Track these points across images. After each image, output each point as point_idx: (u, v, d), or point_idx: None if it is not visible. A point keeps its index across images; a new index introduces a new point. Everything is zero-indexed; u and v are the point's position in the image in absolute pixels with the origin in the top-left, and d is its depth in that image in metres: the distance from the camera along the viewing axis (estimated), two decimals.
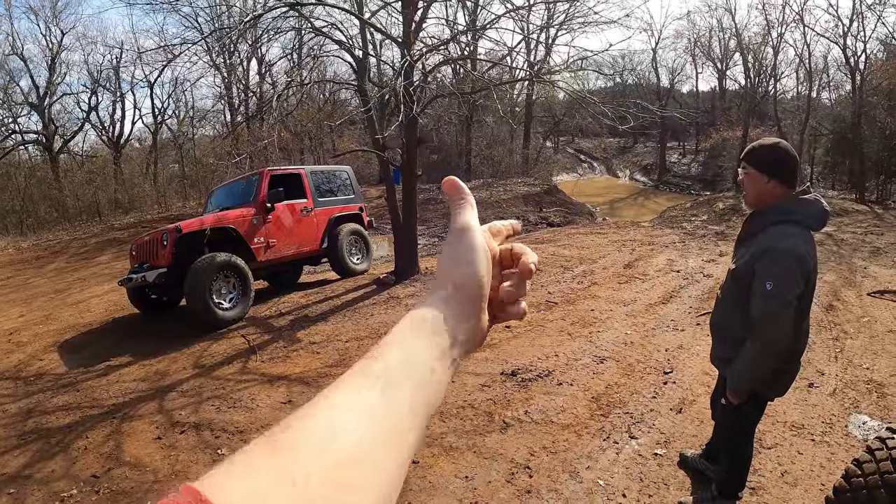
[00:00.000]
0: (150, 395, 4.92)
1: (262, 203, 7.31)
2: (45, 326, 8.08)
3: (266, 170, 7.73)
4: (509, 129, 27.09)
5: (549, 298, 6.40)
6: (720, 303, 2.51)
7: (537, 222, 15.24)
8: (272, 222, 7.41)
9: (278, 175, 7.83)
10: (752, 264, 2.18)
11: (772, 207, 2.24)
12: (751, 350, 2.20)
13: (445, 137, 23.75)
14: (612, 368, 4.43)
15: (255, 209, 7.25)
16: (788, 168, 2.20)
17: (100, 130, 26.61)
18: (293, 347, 5.57)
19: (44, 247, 16.13)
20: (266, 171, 7.66)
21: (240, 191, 7.92)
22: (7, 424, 4.81)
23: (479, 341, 0.53)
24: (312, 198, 8.14)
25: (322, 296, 7.40)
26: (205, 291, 6.25)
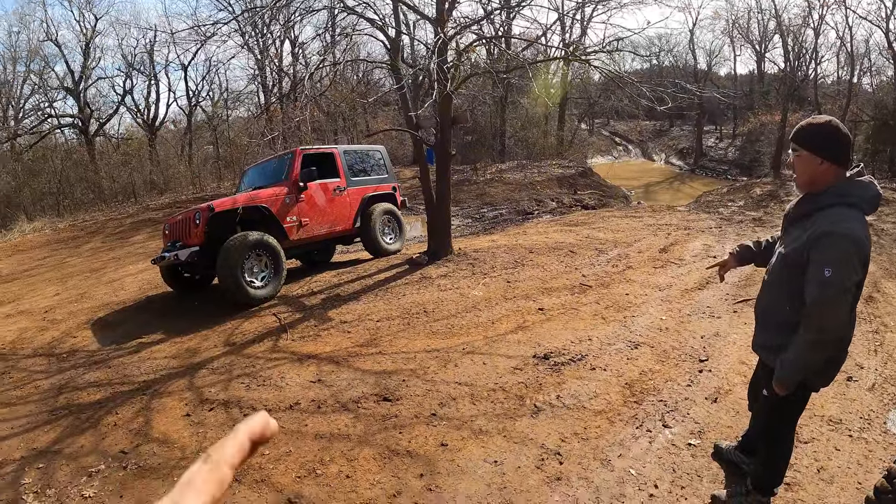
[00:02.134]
0: (180, 373, 4.91)
1: (295, 182, 7.29)
2: (79, 304, 8.23)
3: (299, 149, 7.69)
4: (544, 111, 26.85)
5: (583, 281, 6.20)
6: (767, 288, 2.36)
7: (571, 204, 15.09)
8: (305, 201, 7.38)
9: (311, 154, 7.80)
10: (807, 249, 2.06)
11: (828, 188, 2.09)
12: (805, 339, 2.09)
13: (480, 118, 23.56)
14: (647, 354, 4.28)
15: (287, 188, 7.23)
16: (842, 148, 2.07)
17: (135, 113, 27.20)
18: (324, 326, 5.49)
19: (80, 227, 16.56)
20: (299, 151, 7.62)
21: (273, 170, 7.91)
22: (39, 400, 4.87)
23: None
24: (345, 177, 8.09)
25: (354, 275, 7.32)
26: (237, 270, 6.24)
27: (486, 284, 6.32)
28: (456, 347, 4.61)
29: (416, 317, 5.45)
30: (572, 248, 7.68)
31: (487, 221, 13.55)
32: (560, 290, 5.95)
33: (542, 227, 10.35)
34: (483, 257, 7.43)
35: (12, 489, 3.40)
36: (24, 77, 25.49)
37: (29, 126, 24.89)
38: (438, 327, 5.12)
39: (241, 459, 0.48)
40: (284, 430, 3.60)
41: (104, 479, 3.36)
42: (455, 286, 6.34)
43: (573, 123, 30.44)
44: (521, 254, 7.51)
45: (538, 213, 14.09)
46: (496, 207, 15.03)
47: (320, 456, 3.26)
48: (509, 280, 6.41)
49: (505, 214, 14.17)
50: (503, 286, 6.21)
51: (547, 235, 8.90)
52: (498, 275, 6.66)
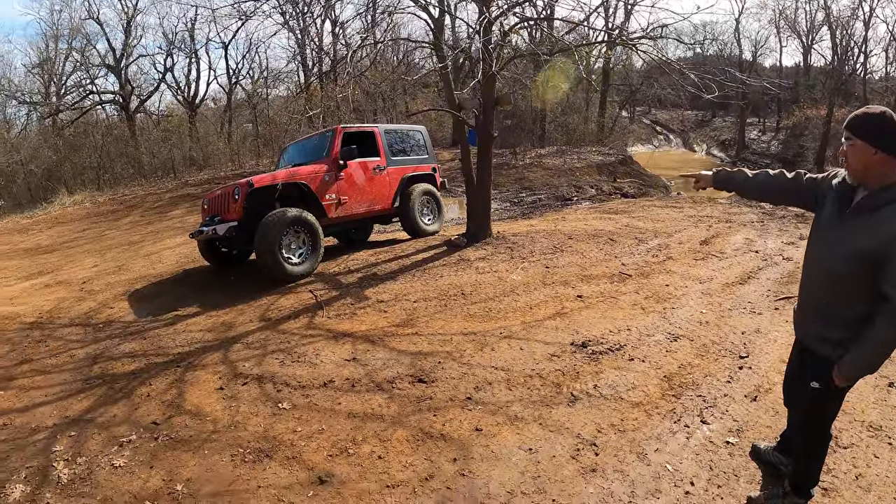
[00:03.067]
0: (215, 346, 4.95)
1: (335, 160, 7.31)
2: (117, 276, 8.44)
3: (340, 127, 7.71)
4: (585, 97, 26.82)
5: (622, 270, 6.04)
6: (831, 280, 2.22)
7: (611, 192, 14.99)
8: (344, 179, 7.40)
9: (352, 133, 7.83)
10: (887, 246, 1.99)
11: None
12: (885, 336, 2.06)
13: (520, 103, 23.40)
14: (686, 348, 4.15)
15: (327, 166, 7.25)
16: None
17: (175, 91, 27.88)
18: (360, 305, 5.47)
19: (119, 201, 17.07)
20: (340, 129, 7.64)
21: (313, 147, 7.95)
22: (74, 369, 4.98)
23: None
24: (385, 156, 8.10)
25: (392, 255, 7.29)
26: (274, 246, 6.28)
27: (524, 269, 6.21)
28: (493, 331, 4.52)
29: (453, 299, 5.37)
30: (612, 236, 7.50)
31: (526, 206, 13.46)
32: (599, 277, 5.81)
33: (581, 214, 10.17)
34: (522, 241, 7.31)
35: (43, 456, 3.46)
36: (67, 54, 26.36)
37: (71, 102, 25.72)
38: (475, 310, 5.03)
39: None
40: (317, 408, 3.59)
41: (135, 450, 3.39)
42: (493, 269, 6.25)
43: (614, 110, 30.22)
44: (560, 239, 7.37)
45: (577, 199, 13.97)
46: (535, 192, 14.92)
47: (353, 435, 3.22)
48: (548, 266, 6.29)
49: (544, 200, 14.08)
50: (542, 271, 6.09)
51: (586, 222, 8.73)
52: (536, 260, 6.54)
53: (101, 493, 3.00)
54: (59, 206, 17.06)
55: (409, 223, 8.35)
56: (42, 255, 11.62)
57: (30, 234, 14.17)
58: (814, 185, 2.35)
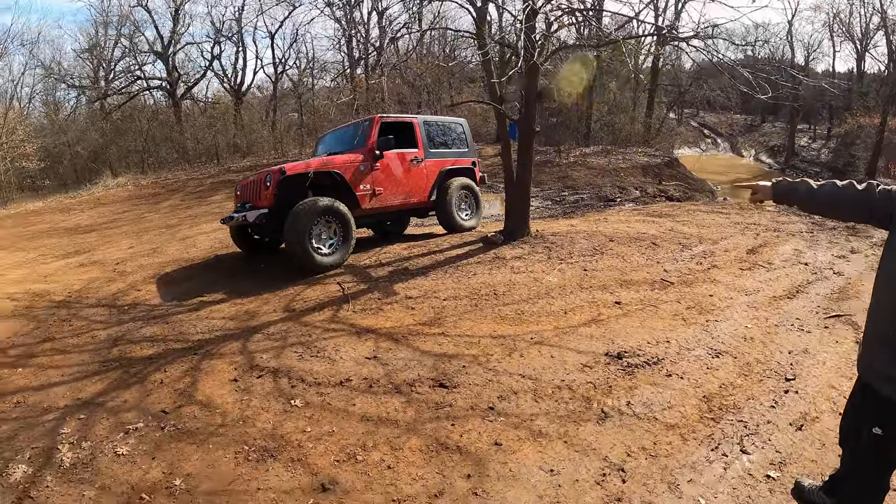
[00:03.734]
0: (235, 335, 4.87)
1: (371, 150, 7.19)
2: (150, 259, 8.54)
3: (377, 116, 7.60)
4: (633, 96, 26.48)
5: (664, 277, 5.69)
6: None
7: (656, 195, 14.66)
8: (380, 170, 7.27)
9: (390, 123, 7.71)
10: None
11: None
12: None
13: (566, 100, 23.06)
14: (729, 365, 3.81)
15: (362, 156, 7.14)
16: None
17: (221, 78, 28.51)
18: (388, 300, 5.30)
19: (161, 185, 17.49)
20: (377, 118, 7.53)
21: (349, 136, 7.85)
22: (93, 350, 4.98)
23: None
24: (424, 148, 7.95)
25: (425, 249, 7.12)
26: (304, 235, 6.19)
27: (561, 271, 5.93)
28: (523, 336, 4.28)
29: (484, 299, 5.15)
30: (655, 240, 7.14)
31: (568, 205, 13.23)
32: (639, 283, 5.49)
33: (623, 216, 9.81)
34: (561, 242, 7.03)
35: (50, 438, 3.44)
36: (116, 40, 27.31)
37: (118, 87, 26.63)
38: (507, 312, 4.79)
39: None
40: (330, 408, 3.43)
41: (140, 438, 3.32)
42: (529, 270, 5.99)
43: (661, 111, 29.64)
44: (600, 241, 7.06)
45: (620, 200, 13.69)
46: (578, 191, 14.69)
47: (363, 440, 3.04)
48: (586, 268, 5.99)
49: (586, 199, 13.85)
50: (579, 274, 5.81)
51: (629, 224, 8.38)
52: (575, 261, 6.25)
53: (100, 481, 2.94)
54: (102, 188, 17.60)
55: (445, 217, 8.18)
56: (81, 234, 11.92)
57: (71, 213, 14.61)
58: (889, 198, 1.99)
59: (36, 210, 16.03)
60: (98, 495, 2.84)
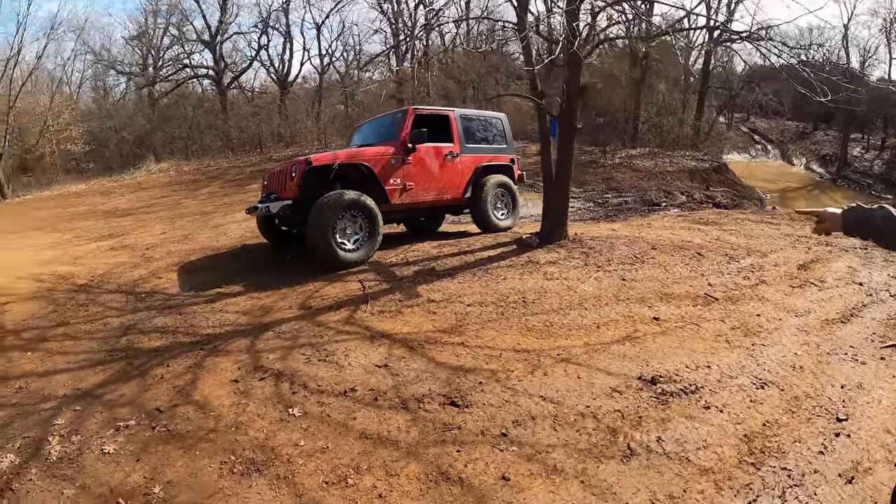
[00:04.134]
0: (245, 331, 4.68)
1: (403, 142, 6.93)
2: (179, 245, 8.52)
3: (411, 108, 7.35)
4: (682, 98, 25.84)
5: (709, 292, 5.22)
6: None
7: (703, 200, 14.21)
8: (412, 164, 7.00)
9: (424, 115, 7.41)
10: None
11: None
12: None
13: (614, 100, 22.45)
14: (774, 398, 3.33)
15: (394, 148, 6.88)
16: None
17: (268, 69, 28.92)
18: (409, 302, 5.01)
19: (202, 171, 17.69)
20: (411, 110, 7.27)
21: (382, 128, 7.64)
22: (103, 338, 4.89)
23: None
24: (460, 143, 7.63)
25: (456, 249, 6.80)
26: (327, 229, 5.97)
27: (598, 279, 5.53)
28: (550, 351, 3.92)
29: (512, 306, 4.80)
30: (700, 249, 6.65)
31: (611, 208, 12.79)
32: (681, 298, 5.04)
33: (668, 222, 9.31)
34: (600, 247, 6.61)
35: (42, 428, 3.37)
36: (164, 29, 28.00)
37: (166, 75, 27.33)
38: (535, 323, 4.43)
39: None
40: (329, 421, 3.16)
41: (129, 437, 3.18)
42: (563, 276, 5.62)
43: (711, 115, 28.80)
44: (642, 248, 6.61)
45: (666, 205, 13.25)
46: (622, 194, 14.24)
47: (358, 461, 2.76)
48: (625, 278, 5.58)
49: (630, 202, 13.42)
50: (617, 284, 5.40)
51: (673, 231, 7.90)
52: (613, 270, 5.84)
53: (81, 479, 2.82)
54: (144, 172, 17.96)
55: (479, 216, 7.85)
56: (117, 218, 12.08)
57: (111, 197, 14.89)
58: None
59: (77, 192, 16.43)
60: (76, 495, 2.71)
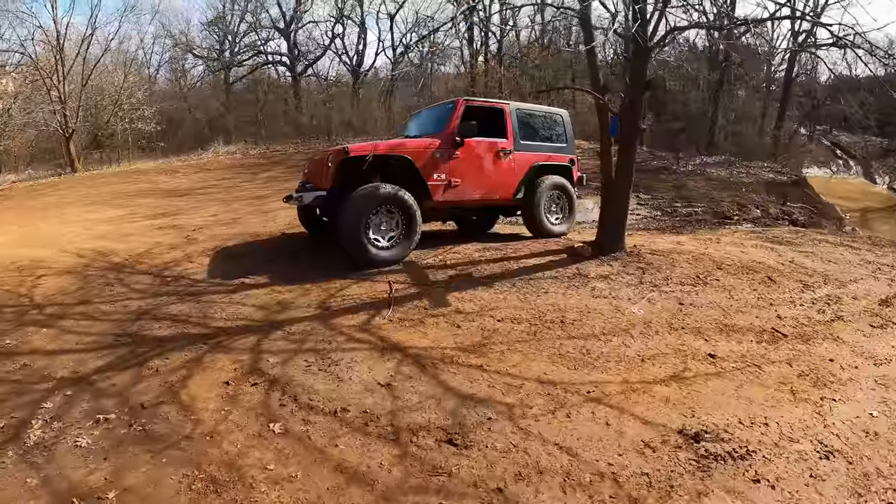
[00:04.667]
0: (255, 328, 4.43)
1: (451, 135, 6.50)
2: (225, 229, 8.48)
3: (462, 99, 6.89)
4: (762, 106, 24.60)
5: (777, 326, 4.51)
6: None
7: (778, 217, 13.04)
8: (459, 159, 6.56)
9: (476, 107, 6.95)
10: None
11: None
12: None
13: (691, 105, 21.30)
14: (840, 475, 2.65)
15: (440, 141, 6.46)
16: None
17: (342, 58, 29.34)
18: (434, 311, 4.61)
19: (268, 156, 17.90)
20: (462, 101, 6.80)
21: (432, 119, 7.25)
22: (117, 321, 4.81)
23: None
24: (514, 139, 7.12)
25: (500, 254, 6.32)
26: (359, 224, 5.65)
27: (651, 301, 4.94)
28: (580, 385, 3.41)
29: (547, 326, 4.30)
30: (772, 273, 5.90)
31: (679, 218, 12.02)
32: (744, 331, 4.37)
33: (739, 238, 8.49)
34: (659, 263, 5.98)
35: (29, 409, 3.34)
36: (241, 16, 28.99)
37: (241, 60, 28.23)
38: (570, 349, 3.93)
39: None
40: (308, 444, 2.81)
41: (104, 432, 3.04)
42: (613, 294, 5.05)
43: (791, 125, 27.19)
44: (706, 268, 5.94)
45: (738, 219, 12.31)
46: (692, 203, 13.34)
47: (324, 499, 2.40)
48: (682, 301, 4.96)
49: (700, 213, 12.58)
50: (672, 308, 4.78)
51: (744, 249, 7.13)
52: (670, 291, 5.22)
53: (47, 470, 2.71)
54: (212, 154, 18.38)
55: (531, 219, 7.32)
56: (175, 197, 12.29)
57: (175, 176, 15.25)
58: None
59: (143, 170, 16.97)
60: (37, 486, 2.59)
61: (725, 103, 23.44)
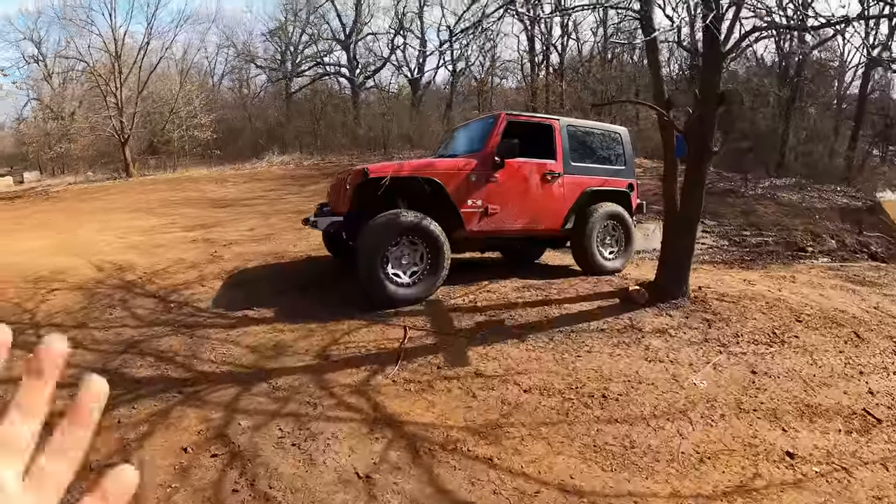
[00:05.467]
0: (240, 376, 3.84)
1: (489, 155, 5.67)
2: (256, 246, 8.08)
3: (504, 113, 6.03)
4: (835, 124, 23.31)
5: (868, 406, 3.54)
6: None
7: (855, 248, 11.73)
8: (498, 182, 5.71)
9: (520, 123, 6.13)
10: None
11: None
12: None
13: (760, 123, 19.81)
14: None
15: (477, 161, 5.64)
16: None
17: (401, 70, 29.37)
18: (448, 372, 3.85)
19: (319, 167, 17.63)
20: (503, 115, 5.97)
21: (470, 136, 6.47)
22: (104, 352, 4.38)
23: None
24: (564, 160, 6.21)
25: (541, 295, 5.47)
26: (376, 257, 4.93)
27: (717, 368, 4.03)
28: (614, 500, 2.61)
29: (585, 402, 3.45)
30: (858, 327, 4.85)
31: (748, 249, 10.93)
32: (830, 414, 3.41)
33: (815, 276, 7.44)
34: (728, 313, 5.01)
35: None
36: (302, 28, 29.56)
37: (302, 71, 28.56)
38: (609, 438, 3.07)
39: None
40: None
41: None
42: (671, 357, 4.16)
43: (864, 145, 25.20)
44: (783, 320, 4.95)
45: (813, 252, 11.08)
46: (762, 232, 12.22)
47: None
48: (756, 369, 4.02)
49: (770, 244, 11.46)
50: (742, 379, 3.86)
51: (822, 292, 6.09)
52: (741, 353, 4.27)
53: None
54: (266, 163, 18.28)
55: (581, 253, 6.38)
56: (219, 207, 12.07)
57: (224, 185, 15.10)
58: None
59: (195, 177, 16.97)
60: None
61: (797, 122, 21.90)
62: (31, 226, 11.22)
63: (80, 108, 19.37)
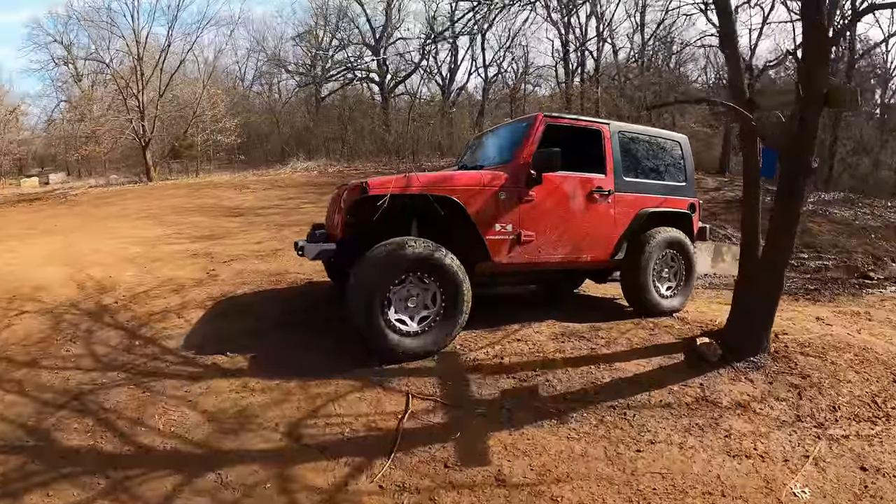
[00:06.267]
0: (184, 461, 2.93)
1: (523, 167, 4.53)
2: (258, 264, 7.26)
3: (541, 114, 4.85)
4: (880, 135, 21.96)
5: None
6: None
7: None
8: (534, 202, 4.55)
9: (562, 127, 4.91)
10: None
11: None
12: None
13: None
14: None
15: (507, 175, 4.49)
16: None
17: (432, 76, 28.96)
18: (458, 475, 2.75)
19: (343, 174, 16.89)
20: (540, 116, 4.81)
21: (500, 144, 5.32)
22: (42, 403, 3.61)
23: None
24: (615, 174, 5.04)
25: (587, 347, 4.33)
26: (373, 299, 3.85)
27: (818, 465, 2.91)
28: None
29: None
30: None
31: (809, 275, 10.04)
32: None
33: (892, 311, 6.38)
34: (816, 373, 3.89)
35: None
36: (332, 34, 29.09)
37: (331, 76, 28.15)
38: None
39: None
40: None
41: None
42: (760, 450, 3.02)
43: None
44: (879, 379, 3.84)
45: (878, 280, 10.03)
46: (820, 254, 11.37)
47: None
48: (865, 463, 2.93)
49: (831, 268, 10.70)
50: (852, 481, 2.78)
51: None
52: (843, 435, 3.17)
53: None
54: (290, 170, 17.63)
55: (633, 289, 5.21)
56: (230, 217, 11.35)
57: (242, 192, 14.43)
58: None
59: (216, 183, 16.34)
60: None
61: (844, 133, 20.57)
62: (41, 231, 10.66)
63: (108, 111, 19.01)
